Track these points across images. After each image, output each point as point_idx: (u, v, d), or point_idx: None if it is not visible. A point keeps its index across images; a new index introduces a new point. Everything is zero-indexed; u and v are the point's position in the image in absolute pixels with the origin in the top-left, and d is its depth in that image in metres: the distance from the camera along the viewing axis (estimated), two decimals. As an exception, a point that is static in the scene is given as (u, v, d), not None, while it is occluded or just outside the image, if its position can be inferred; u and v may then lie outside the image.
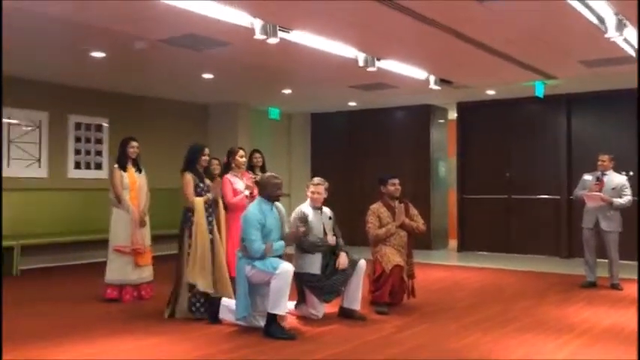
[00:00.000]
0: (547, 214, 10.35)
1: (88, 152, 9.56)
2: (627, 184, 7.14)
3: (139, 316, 5.55)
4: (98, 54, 7.08)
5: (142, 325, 5.20)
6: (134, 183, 6.37)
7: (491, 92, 10.00)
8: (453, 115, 11.83)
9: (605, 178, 7.16)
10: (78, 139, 9.43)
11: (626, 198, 7.04)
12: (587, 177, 7.35)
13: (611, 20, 5.41)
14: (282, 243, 5.00)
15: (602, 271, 7.30)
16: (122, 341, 4.70)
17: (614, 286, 7.08)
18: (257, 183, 5.36)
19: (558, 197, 10.23)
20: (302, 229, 5.10)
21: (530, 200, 10.58)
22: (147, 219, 6.44)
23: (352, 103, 11.41)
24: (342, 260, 5.41)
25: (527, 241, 10.48)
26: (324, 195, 5.64)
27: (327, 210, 5.67)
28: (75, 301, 6.28)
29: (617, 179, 7.17)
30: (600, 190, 7.09)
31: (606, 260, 7.21)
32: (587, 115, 10.19)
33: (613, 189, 7.08)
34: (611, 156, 7.28)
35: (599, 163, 7.23)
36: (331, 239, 5.50)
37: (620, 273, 7.23)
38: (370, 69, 7.08)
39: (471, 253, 10.89)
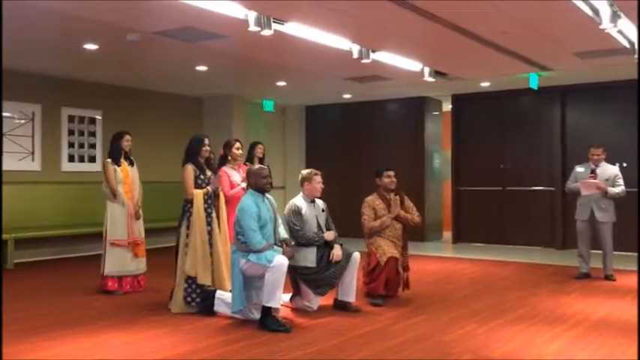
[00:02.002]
0: (541, 206, 10.39)
1: (81, 145, 9.52)
2: (620, 174, 7.18)
3: (134, 309, 5.55)
4: (91, 46, 7.03)
5: (137, 318, 5.20)
6: (127, 176, 6.37)
7: (485, 84, 10.00)
8: (447, 107, 11.83)
9: (598, 170, 7.19)
10: (71, 132, 9.39)
11: (620, 188, 7.07)
12: (580, 169, 7.37)
13: (605, 11, 5.40)
14: (275, 253, 4.89)
15: (596, 262, 7.33)
16: (116, 334, 4.70)
17: (608, 277, 7.11)
18: (247, 175, 5.35)
19: (553, 189, 10.26)
20: (289, 254, 5.04)
21: (524, 192, 10.61)
22: (141, 212, 6.44)
23: (347, 96, 11.39)
24: (337, 253, 5.41)
25: (521, 232, 10.51)
26: None
27: (320, 202, 5.67)
28: (68, 294, 6.27)
29: (609, 170, 7.20)
30: None
31: (600, 251, 7.24)
32: (582, 107, 10.21)
33: (606, 180, 7.11)
34: (603, 148, 7.30)
35: (592, 156, 7.24)
36: (328, 234, 5.50)
37: (614, 264, 7.27)
38: (365, 61, 7.06)
39: (466, 244, 10.93)
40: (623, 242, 8.63)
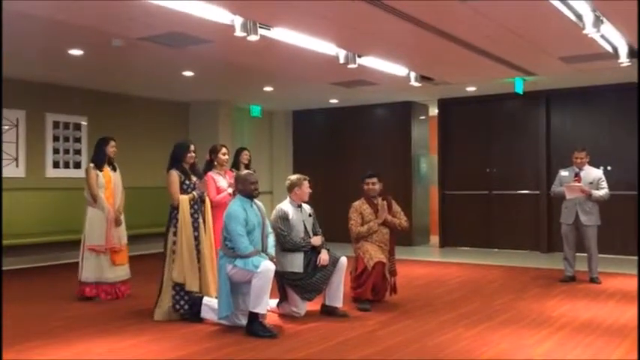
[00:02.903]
0: (527, 210, 10.44)
1: (66, 151, 9.44)
2: (603, 177, 7.24)
3: (118, 316, 5.50)
4: (76, 52, 6.99)
5: (121, 325, 5.16)
6: (109, 182, 6.32)
7: (471, 89, 10.05)
8: (434, 111, 11.88)
9: (582, 173, 7.25)
10: (56, 138, 9.31)
11: (604, 191, 7.13)
12: (564, 173, 7.43)
13: (588, 17, 5.47)
14: (261, 260, 4.86)
15: (581, 266, 7.37)
16: (101, 342, 4.65)
17: (593, 280, 7.16)
18: (235, 181, 5.33)
19: (538, 192, 10.32)
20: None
21: (510, 196, 10.66)
22: (122, 218, 6.38)
23: (333, 100, 11.40)
24: (324, 257, 5.40)
25: (507, 236, 10.57)
26: None
27: (306, 207, 5.66)
28: (52, 302, 6.20)
29: (593, 173, 7.26)
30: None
31: (585, 254, 7.29)
32: (567, 111, 10.29)
33: (590, 183, 7.17)
34: (586, 151, 7.36)
35: (576, 160, 7.30)
36: (315, 239, 5.49)
37: (600, 266, 7.32)
38: (351, 66, 7.07)
39: (453, 248, 10.96)
40: (608, 245, 8.71)
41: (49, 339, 4.73)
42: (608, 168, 9.26)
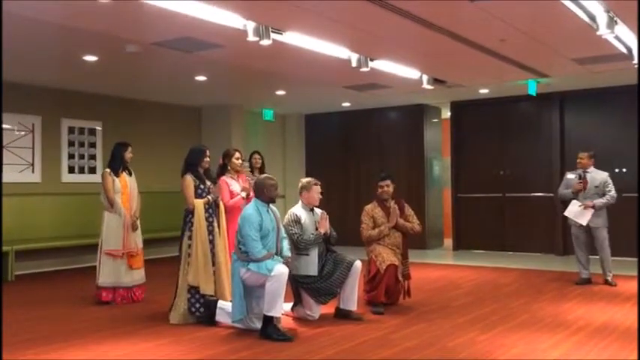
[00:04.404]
0: (541, 212, 10.37)
1: (81, 156, 9.53)
2: (609, 180, 7.18)
3: (133, 320, 5.54)
4: (91, 57, 7.06)
5: (137, 329, 5.19)
6: (125, 187, 6.37)
7: (484, 91, 10.02)
8: (446, 114, 11.85)
9: (588, 176, 7.19)
10: (71, 144, 9.40)
11: (609, 195, 7.08)
12: (571, 175, 7.38)
13: (602, 18, 5.43)
14: (274, 263, 4.87)
15: (595, 268, 7.32)
16: (117, 345, 4.69)
17: (608, 282, 7.11)
18: (255, 184, 5.34)
19: (552, 195, 10.24)
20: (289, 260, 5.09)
21: (524, 198, 10.61)
22: (138, 222, 6.43)
23: (346, 104, 11.41)
24: (323, 223, 5.43)
25: (522, 239, 10.50)
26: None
27: (318, 211, 5.66)
28: (69, 305, 6.26)
29: (599, 176, 7.20)
30: (584, 188, 7.13)
31: (598, 257, 7.24)
32: (580, 113, 10.22)
33: (596, 187, 7.13)
34: (591, 153, 7.30)
35: (578, 161, 7.27)
36: (321, 225, 5.47)
37: (616, 269, 7.26)
38: (363, 69, 7.08)
39: (466, 251, 10.91)
40: (625, 247, 8.63)
41: (66, 342, 4.77)
42: (623, 170, 9.18)
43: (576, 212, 7.13)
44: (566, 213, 7.24)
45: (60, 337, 4.92)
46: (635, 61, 6.85)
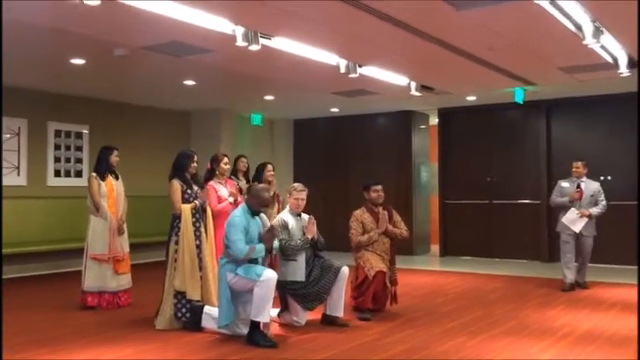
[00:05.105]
0: (528, 219, 10.43)
1: (68, 160, 9.46)
2: (601, 189, 7.39)
3: (119, 325, 5.49)
4: (78, 61, 7.02)
5: (123, 334, 5.15)
6: (112, 191, 6.32)
7: (471, 98, 10.08)
8: (434, 120, 11.90)
9: (583, 186, 7.32)
10: (57, 147, 9.33)
11: (601, 205, 7.28)
12: (564, 184, 7.48)
13: (588, 27, 5.50)
14: (262, 245, 4.96)
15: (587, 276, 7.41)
16: (103, 351, 4.65)
17: (581, 285, 7.35)
18: (248, 190, 5.33)
19: (539, 202, 10.32)
20: (269, 237, 5.07)
21: (511, 205, 10.66)
22: (125, 226, 6.39)
23: (334, 109, 11.43)
24: (310, 228, 5.42)
25: (508, 245, 10.55)
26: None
27: (306, 216, 5.65)
28: (55, 310, 6.19)
29: (593, 186, 7.39)
30: (581, 198, 7.26)
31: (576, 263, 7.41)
32: (567, 121, 10.31)
33: (591, 196, 7.30)
34: (584, 162, 7.44)
35: (574, 170, 7.40)
36: (309, 230, 5.45)
37: (601, 277, 7.36)
38: (352, 75, 7.10)
39: (453, 258, 10.95)
40: (609, 255, 8.71)
41: (51, 347, 4.72)
42: (609, 178, 9.27)
43: (572, 219, 7.26)
44: (564, 220, 7.35)
45: (45, 343, 4.86)
46: (622, 70, 6.93)
